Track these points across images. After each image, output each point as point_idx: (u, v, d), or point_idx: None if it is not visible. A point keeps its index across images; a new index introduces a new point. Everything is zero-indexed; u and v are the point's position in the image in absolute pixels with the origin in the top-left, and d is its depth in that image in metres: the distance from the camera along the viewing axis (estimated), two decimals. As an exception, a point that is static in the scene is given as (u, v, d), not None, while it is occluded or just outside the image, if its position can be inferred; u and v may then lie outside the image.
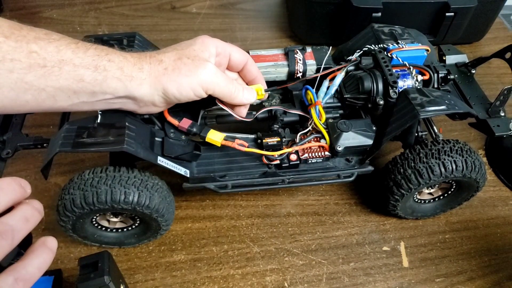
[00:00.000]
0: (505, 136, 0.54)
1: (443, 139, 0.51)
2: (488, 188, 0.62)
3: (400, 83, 0.51)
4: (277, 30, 0.84)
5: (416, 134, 0.53)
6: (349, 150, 0.50)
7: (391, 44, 0.54)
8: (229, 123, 0.54)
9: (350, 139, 0.50)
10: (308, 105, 0.53)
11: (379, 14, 0.70)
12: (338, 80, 0.52)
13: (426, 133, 0.54)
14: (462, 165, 0.48)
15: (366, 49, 0.54)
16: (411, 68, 0.52)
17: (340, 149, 0.49)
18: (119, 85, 0.39)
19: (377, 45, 0.54)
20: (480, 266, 0.54)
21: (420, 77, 0.52)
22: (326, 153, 0.51)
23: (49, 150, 0.44)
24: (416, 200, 0.55)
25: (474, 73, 0.61)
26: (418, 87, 0.51)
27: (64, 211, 0.44)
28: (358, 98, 0.51)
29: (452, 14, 0.72)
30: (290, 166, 0.50)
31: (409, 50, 0.53)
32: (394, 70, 0.51)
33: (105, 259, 0.40)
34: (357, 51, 0.54)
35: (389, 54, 0.52)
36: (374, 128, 0.51)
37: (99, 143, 0.42)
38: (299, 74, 0.54)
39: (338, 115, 0.54)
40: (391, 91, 0.49)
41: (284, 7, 0.89)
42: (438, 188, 0.55)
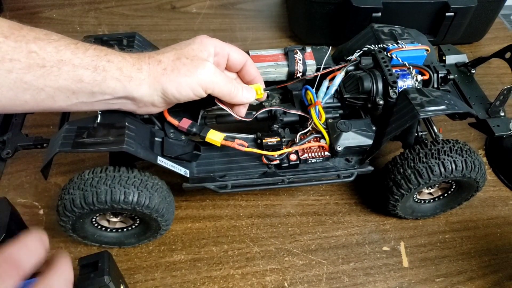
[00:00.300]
0: (505, 136, 0.54)
1: (443, 139, 0.50)
2: (488, 188, 0.62)
3: (400, 83, 0.51)
4: (277, 30, 0.84)
5: (416, 134, 0.53)
6: (349, 150, 0.50)
7: (391, 44, 0.54)
8: (229, 123, 0.54)
9: (350, 139, 0.50)
10: (308, 105, 0.53)
11: (379, 14, 0.70)
12: (338, 80, 0.52)
13: (426, 133, 0.54)
14: (462, 165, 0.48)
15: (366, 49, 0.54)
16: (411, 68, 0.52)
17: (340, 149, 0.49)
18: (118, 86, 0.39)
19: (377, 45, 0.54)
20: (480, 266, 0.54)
21: (420, 77, 0.52)
22: (326, 153, 0.51)
23: (49, 150, 0.44)
24: (416, 200, 0.55)
25: (474, 73, 0.61)
26: (418, 87, 0.51)
27: (64, 211, 0.44)
28: (358, 98, 0.51)
29: (452, 14, 0.72)
30: (290, 166, 0.50)
31: (409, 50, 0.53)
32: (394, 70, 0.51)
33: (105, 259, 0.40)
34: (357, 51, 0.54)
35: (389, 54, 0.52)
36: (374, 128, 0.51)
37: (99, 143, 0.42)
38: (299, 74, 0.54)
39: (338, 115, 0.54)
40: (391, 91, 0.49)
41: (284, 7, 0.89)
42: (438, 188, 0.55)
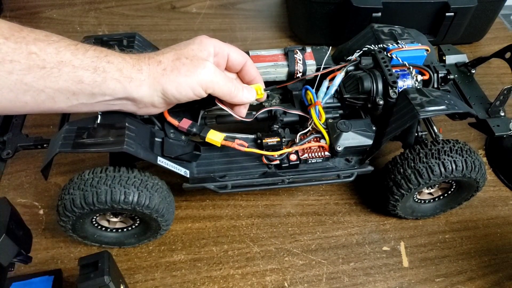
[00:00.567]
0: (505, 136, 0.54)
1: (443, 139, 0.50)
2: (488, 188, 0.62)
3: (400, 83, 0.51)
4: (277, 30, 0.84)
5: (416, 134, 0.53)
6: (349, 150, 0.50)
7: (391, 44, 0.54)
8: (229, 123, 0.54)
9: (350, 139, 0.50)
10: (308, 105, 0.53)
11: (379, 14, 0.70)
12: (338, 80, 0.52)
13: (426, 133, 0.54)
14: (462, 165, 0.48)
15: (366, 49, 0.54)
16: (411, 68, 0.52)
17: (340, 149, 0.49)
18: (118, 87, 0.39)
19: (377, 45, 0.54)
20: (480, 266, 0.54)
21: (420, 77, 0.52)
22: (326, 153, 0.51)
23: (49, 151, 0.44)
24: (416, 200, 0.55)
25: (474, 73, 0.61)
26: (418, 87, 0.51)
27: (64, 211, 0.44)
28: (358, 98, 0.51)
29: (452, 14, 0.72)
30: (290, 166, 0.50)
31: (409, 50, 0.53)
32: (394, 70, 0.51)
33: (105, 259, 0.40)
34: (357, 51, 0.54)
35: (389, 54, 0.52)
36: (374, 128, 0.51)
37: (99, 144, 0.42)
38: (299, 74, 0.54)
39: (338, 115, 0.54)
40: (391, 91, 0.49)
41: (284, 7, 0.89)
42: (438, 188, 0.55)
